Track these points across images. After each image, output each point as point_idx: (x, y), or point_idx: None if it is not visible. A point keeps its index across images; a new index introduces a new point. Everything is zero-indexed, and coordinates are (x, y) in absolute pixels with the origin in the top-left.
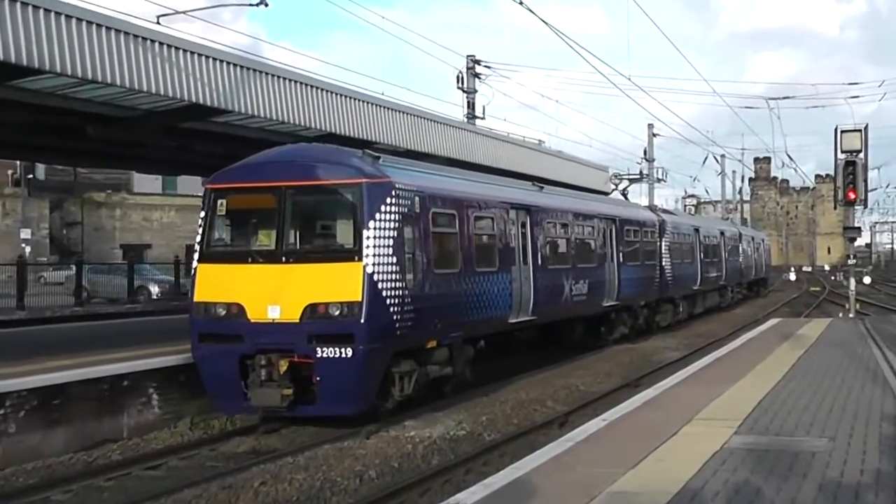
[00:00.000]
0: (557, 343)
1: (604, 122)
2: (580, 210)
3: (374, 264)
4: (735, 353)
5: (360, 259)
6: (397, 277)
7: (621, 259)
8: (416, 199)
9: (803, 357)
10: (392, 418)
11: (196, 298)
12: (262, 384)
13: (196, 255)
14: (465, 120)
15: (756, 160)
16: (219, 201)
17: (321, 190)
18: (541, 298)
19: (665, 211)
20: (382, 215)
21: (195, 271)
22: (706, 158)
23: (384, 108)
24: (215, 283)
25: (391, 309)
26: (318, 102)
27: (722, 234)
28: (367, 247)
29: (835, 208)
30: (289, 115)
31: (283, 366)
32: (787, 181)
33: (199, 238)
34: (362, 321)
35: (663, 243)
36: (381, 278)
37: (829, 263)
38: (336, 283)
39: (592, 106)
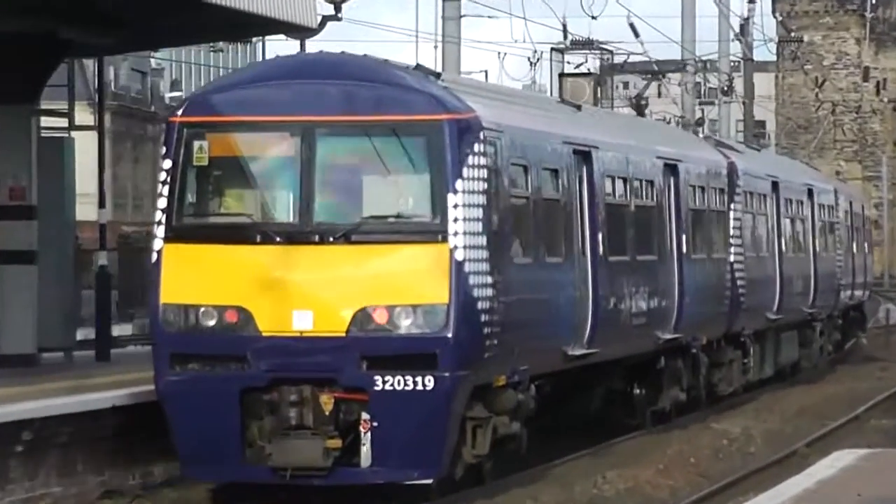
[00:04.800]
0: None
1: None
2: (632, 149)
3: (464, 247)
4: None
5: (445, 239)
6: (487, 269)
7: (684, 247)
8: (509, 146)
9: None
10: None
11: (164, 299)
12: (291, 432)
13: (159, 230)
14: None
15: None
16: (196, 143)
17: (377, 129)
18: (604, 315)
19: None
20: (471, 171)
21: (158, 255)
22: None
23: None
24: (196, 276)
25: (482, 318)
26: None
27: (810, 194)
28: (456, 220)
29: None
30: None
31: (328, 403)
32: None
33: (161, 202)
34: (450, 335)
35: (733, 214)
36: (473, 269)
37: None
38: (407, 276)
39: None
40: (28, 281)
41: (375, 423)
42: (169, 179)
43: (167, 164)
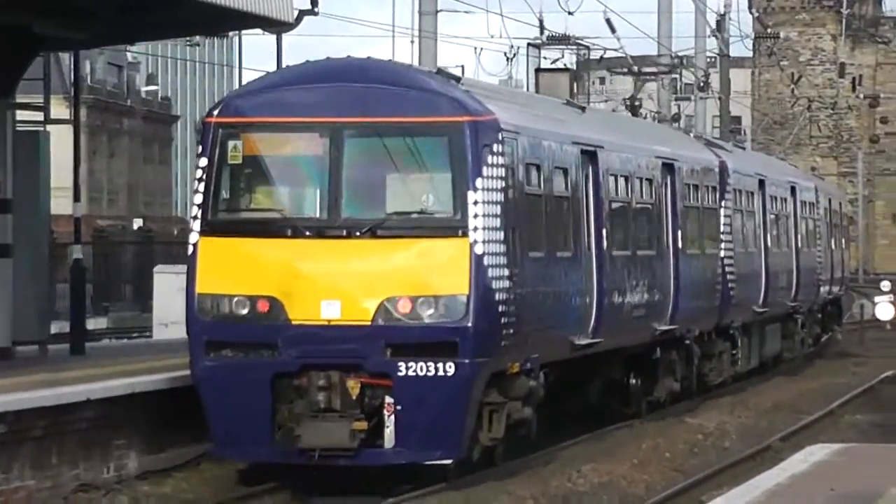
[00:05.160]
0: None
1: None
2: (634, 149)
3: (483, 241)
4: None
5: (466, 234)
6: (504, 262)
7: (680, 242)
8: (525, 146)
9: None
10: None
11: (199, 289)
12: (320, 415)
13: (195, 224)
14: None
15: None
16: (230, 143)
17: (402, 130)
18: (608, 307)
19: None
20: (490, 170)
21: (195, 248)
22: None
23: None
24: (230, 267)
25: (500, 308)
26: None
27: (793, 191)
28: (475, 216)
29: None
30: None
31: (355, 388)
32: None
33: (197, 198)
34: (470, 324)
35: (724, 212)
36: (491, 262)
37: None
38: (429, 269)
39: None
40: (2, 274)
41: (399, 407)
42: (205, 177)
43: (203, 162)
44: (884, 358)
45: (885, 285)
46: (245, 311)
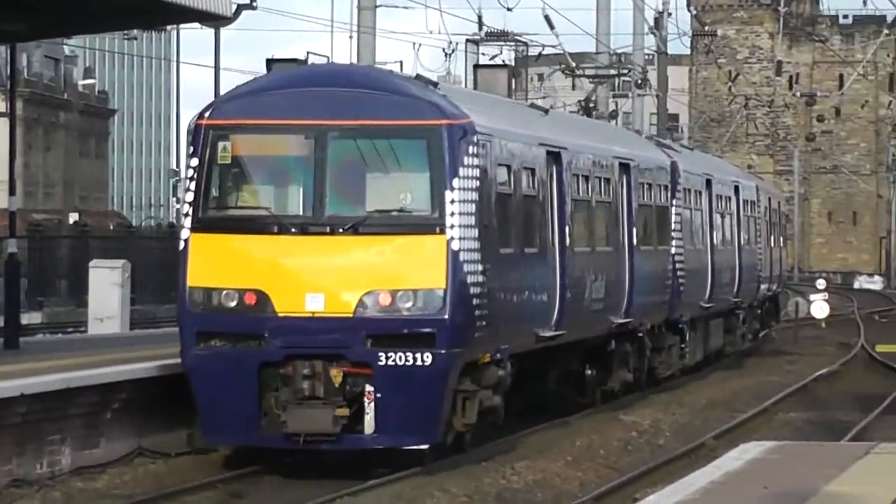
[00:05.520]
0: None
1: None
2: (594, 150)
3: (459, 238)
4: None
5: (443, 231)
6: (478, 258)
7: (634, 239)
8: (497, 148)
9: None
10: None
11: (190, 283)
12: (304, 402)
13: (186, 221)
14: None
15: None
16: (220, 144)
17: (383, 133)
18: (570, 300)
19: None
20: (465, 171)
21: (186, 243)
22: None
23: None
24: (220, 262)
25: (474, 301)
26: None
27: (736, 190)
28: (452, 214)
29: None
30: None
31: (337, 376)
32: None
33: (188, 196)
34: (447, 316)
35: (675, 210)
36: (466, 258)
37: None
38: (408, 264)
39: None
40: None
41: (379, 395)
42: (196, 176)
43: (194, 162)
44: (817, 356)
45: (821, 283)
46: (233, 304)
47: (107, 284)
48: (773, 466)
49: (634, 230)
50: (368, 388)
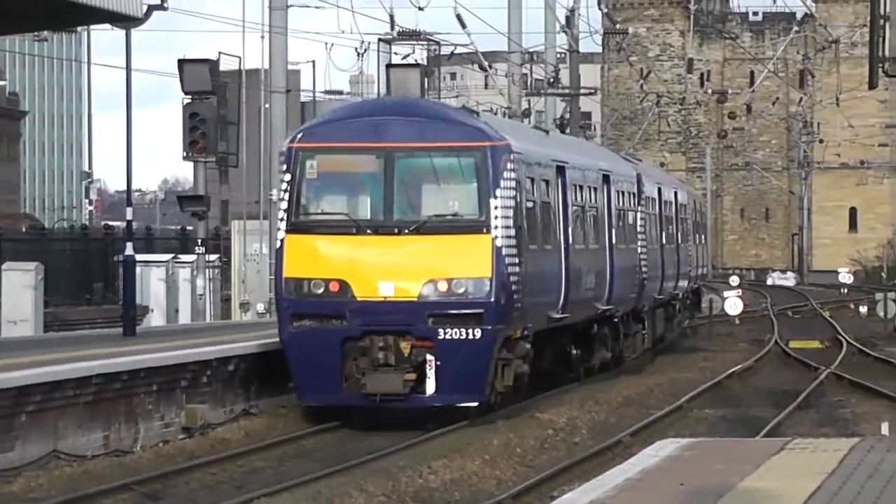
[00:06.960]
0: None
1: None
2: (586, 164)
3: (501, 237)
4: None
5: (489, 231)
6: (516, 252)
7: (614, 238)
8: (525, 164)
9: None
10: None
11: (286, 274)
12: (379, 368)
13: (282, 225)
14: None
15: None
16: (308, 162)
17: (439, 153)
18: (573, 288)
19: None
20: (505, 182)
21: (282, 242)
22: None
23: None
24: (309, 257)
25: (513, 287)
26: None
27: (675, 196)
28: (495, 217)
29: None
30: None
31: (406, 347)
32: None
33: (283, 204)
34: (492, 300)
35: (640, 214)
36: (506, 253)
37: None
38: (461, 257)
39: None
40: None
41: (438, 363)
42: (288, 188)
43: (287, 177)
44: (732, 352)
45: (734, 280)
46: (320, 291)
47: (19, 287)
48: (689, 463)
49: (614, 231)
50: (430, 357)
